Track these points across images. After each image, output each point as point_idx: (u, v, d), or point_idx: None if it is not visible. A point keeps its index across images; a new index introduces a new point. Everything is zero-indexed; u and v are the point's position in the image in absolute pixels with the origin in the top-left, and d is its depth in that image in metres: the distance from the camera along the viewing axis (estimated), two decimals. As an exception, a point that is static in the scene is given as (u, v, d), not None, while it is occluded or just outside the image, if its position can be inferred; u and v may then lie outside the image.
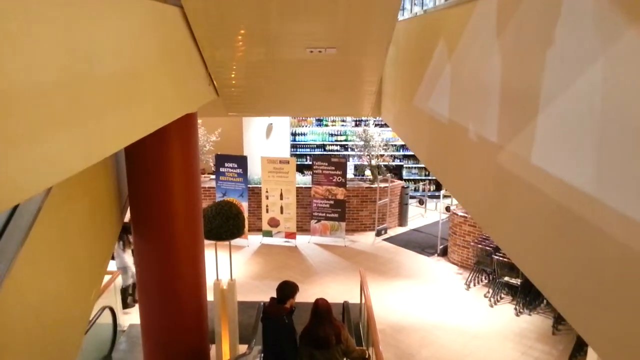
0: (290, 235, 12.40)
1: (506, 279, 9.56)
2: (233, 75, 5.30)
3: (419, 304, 9.59)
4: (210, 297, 7.67)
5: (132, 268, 8.96)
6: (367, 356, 5.45)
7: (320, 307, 5.16)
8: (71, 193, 3.47)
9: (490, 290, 9.82)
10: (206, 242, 6.42)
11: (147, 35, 3.07)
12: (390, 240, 12.83)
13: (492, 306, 9.52)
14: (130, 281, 9.18)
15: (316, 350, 4.91)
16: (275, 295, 5.60)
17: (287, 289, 5.52)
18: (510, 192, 2.64)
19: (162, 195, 4.61)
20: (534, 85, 2.47)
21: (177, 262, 4.87)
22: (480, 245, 10.03)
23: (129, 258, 9.03)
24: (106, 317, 7.67)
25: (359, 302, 8.80)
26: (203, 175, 14.02)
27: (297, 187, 12.48)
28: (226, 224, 6.91)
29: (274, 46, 4.58)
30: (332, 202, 12.36)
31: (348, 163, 13.48)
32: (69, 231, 3.46)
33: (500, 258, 9.43)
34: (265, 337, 5.53)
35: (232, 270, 7.50)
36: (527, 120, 2.51)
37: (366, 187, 13.15)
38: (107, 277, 8.20)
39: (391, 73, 6.57)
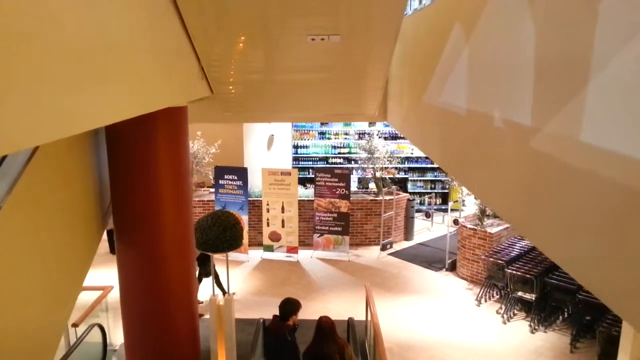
0: (292, 250, 11.94)
1: (520, 294, 9.06)
2: (228, 71, 4.91)
3: (428, 321, 9.09)
4: (206, 313, 7.22)
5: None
6: None
7: (324, 325, 5.07)
8: (42, 195, 3.06)
9: (503, 306, 9.31)
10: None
11: (133, 14, 2.71)
12: (395, 254, 12.35)
13: (505, 323, 9.01)
14: None
15: None
16: (277, 313, 5.51)
17: (289, 306, 5.42)
18: (553, 183, 2.20)
19: (148, 201, 4.18)
20: (579, 53, 2.05)
21: (164, 275, 4.40)
22: (491, 259, 9.55)
23: None
24: (95, 335, 7.20)
25: (364, 319, 8.31)
26: (202, 189, 13.60)
27: (299, 200, 12.05)
28: (223, 235, 6.50)
29: (272, 36, 4.20)
30: (335, 215, 11.92)
31: (351, 176, 13.05)
32: (39, 238, 3.04)
33: (514, 272, 8.94)
34: (268, 355, 5.46)
35: (229, 285, 7.04)
36: (572, 94, 2.08)
37: (370, 200, 12.71)
38: (97, 293, 7.76)
39: (397, 73, 6.19)
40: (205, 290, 9.08)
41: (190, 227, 4.72)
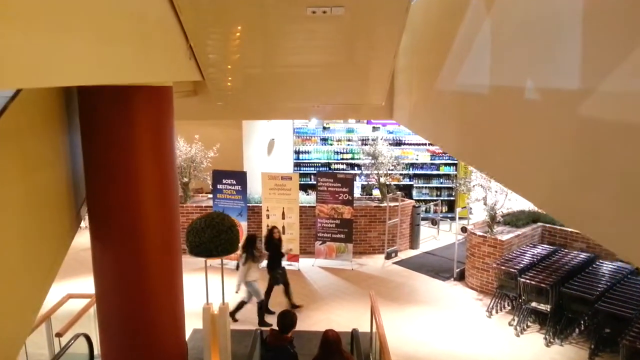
0: (293, 258, 11.42)
1: (534, 304, 8.54)
2: (220, 52, 4.46)
3: (436, 333, 8.58)
4: (199, 324, 6.72)
5: (256, 284, 8.66)
6: None
7: (331, 339, 4.99)
8: (3, 188, 2.61)
9: (516, 318, 8.79)
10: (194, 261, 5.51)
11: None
12: (401, 263, 11.84)
13: (518, 335, 8.49)
14: (262, 295, 8.88)
15: None
16: (274, 327, 5.49)
17: (289, 319, 5.42)
18: (614, 162, 1.73)
19: (127, 194, 3.70)
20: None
21: (146, 279, 3.89)
22: (503, 267, 9.04)
23: (252, 273, 8.64)
24: (81, 345, 6.71)
25: (368, 330, 7.81)
26: (200, 195, 13.13)
27: (300, 206, 11.57)
28: (217, 238, 6.00)
29: (269, 11, 3.76)
30: (338, 221, 11.43)
31: (354, 182, 12.57)
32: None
33: (527, 281, 8.43)
34: None
35: (224, 293, 6.56)
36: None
37: (375, 206, 12.22)
38: (85, 301, 7.28)
39: (405, 65, 5.75)
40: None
41: (176, 224, 4.21)
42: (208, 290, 6.52)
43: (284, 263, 9.46)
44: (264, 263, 9.41)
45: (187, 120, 8.64)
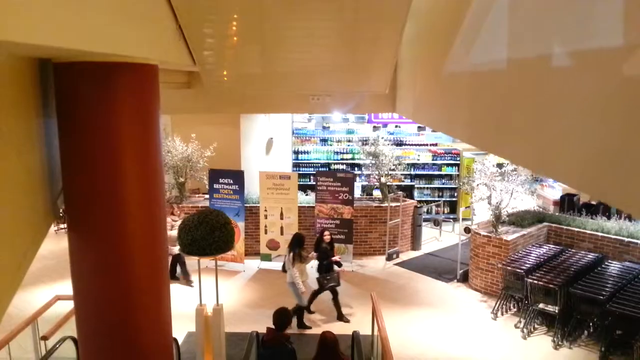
0: (291, 259, 11.11)
1: (541, 306, 8.23)
2: (212, 34, 4.17)
3: (440, 336, 8.27)
4: (192, 326, 6.42)
5: (301, 286, 8.25)
6: None
7: (328, 340, 5.00)
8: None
9: (522, 320, 8.48)
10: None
11: None
12: (402, 264, 11.53)
13: (525, 338, 8.18)
14: (302, 301, 8.45)
15: None
16: (270, 326, 5.49)
17: (285, 317, 5.52)
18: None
19: (107, 184, 3.37)
20: None
21: (128, 278, 3.55)
22: (509, 268, 8.73)
23: (300, 274, 8.29)
24: (68, 349, 6.40)
25: (369, 333, 7.51)
26: (197, 195, 12.83)
27: (299, 206, 11.26)
28: (211, 236, 5.70)
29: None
30: (337, 222, 11.13)
31: (355, 183, 12.25)
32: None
33: (535, 282, 8.12)
34: None
35: (218, 293, 6.26)
36: None
37: (375, 207, 11.91)
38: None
39: (409, 54, 5.47)
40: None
41: (162, 219, 3.89)
42: (201, 291, 6.22)
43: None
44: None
45: (181, 114, 8.29)
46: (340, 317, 8.76)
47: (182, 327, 8.12)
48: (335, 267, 8.81)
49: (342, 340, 7.65)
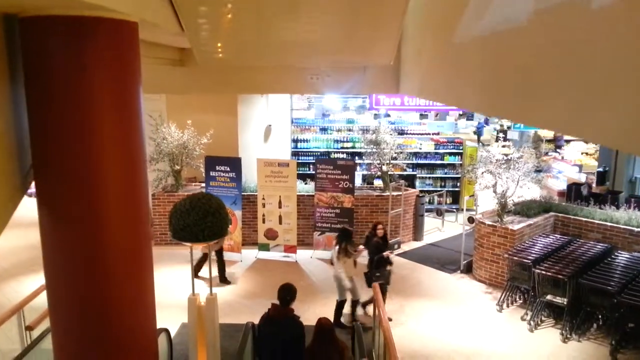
0: (290, 249, 10.81)
1: (549, 297, 7.92)
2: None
3: (444, 328, 7.97)
4: (184, 317, 6.10)
5: (346, 281, 7.81)
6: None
7: (324, 327, 5.00)
8: None
9: (529, 312, 8.17)
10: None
11: None
12: (404, 255, 11.22)
13: (532, 330, 7.88)
14: (346, 296, 7.95)
15: None
16: (275, 306, 5.44)
17: (291, 291, 5.48)
18: None
19: (82, 159, 3.02)
20: None
21: (104, 266, 3.19)
22: (515, 258, 8.42)
23: (344, 268, 7.81)
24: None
25: (370, 324, 7.22)
26: (193, 184, 12.49)
27: (298, 195, 10.94)
28: (203, 221, 5.36)
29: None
30: (337, 210, 10.80)
31: (355, 172, 11.92)
32: None
33: (543, 272, 7.80)
34: (270, 344, 5.28)
35: (211, 282, 5.93)
36: None
37: (377, 196, 11.59)
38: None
39: (413, 29, 5.13)
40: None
41: (144, 198, 3.52)
42: (194, 280, 5.90)
43: (280, 255, 8.74)
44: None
45: (175, 96, 7.85)
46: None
47: (175, 317, 7.83)
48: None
49: (344, 332, 7.37)
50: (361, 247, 8.28)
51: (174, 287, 9.12)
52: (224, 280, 9.52)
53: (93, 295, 3.23)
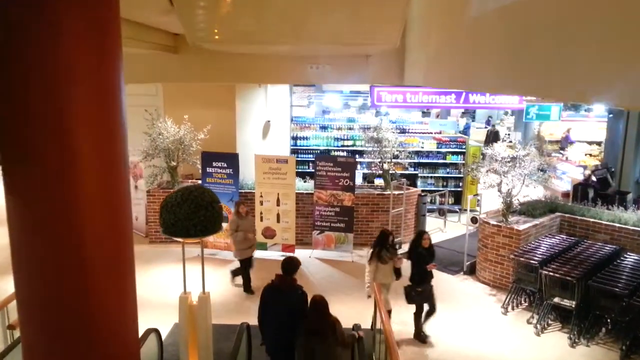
0: (288, 248, 10.51)
1: (556, 300, 7.63)
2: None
3: (447, 331, 7.68)
4: (175, 317, 5.80)
5: (367, 288, 7.26)
6: (357, 337, 5.67)
7: (318, 302, 5.28)
8: None
9: (535, 315, 7.88)
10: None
11: None
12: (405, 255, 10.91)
13: (538, 334, 7.59)
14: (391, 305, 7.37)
15: (314, 340, 5.10)
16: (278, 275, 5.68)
17: (293, 263, 5.78)
18: None
19: (53, 141, 2.67)
20: None
21: (78, 261, 2.84)
22: (522, 259, 8.13)
23: (378, 275, 7.18)
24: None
25: (370, 327, 6.93)
26: (190, 181, 12.19)
27: (297, 193, 10.64)
28: (196, 215, 5.07)
29: None
30: (337, 209, 10.50)
31: (356, 169, 11.61)
32: None
33: (551, 274, 7.51)
34: (274, 312, 5.56)
35: (204, 280, 5.64)
36: None
37: (377, 194, 11.29)
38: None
39: (420, 11, 4.84)
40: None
41: (123, 183, 3.18)
42: (185, 277, 5.60)
43: (278, 254, 8.34)
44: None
45: (167, 82, 7.43)
46: (418, 335, 7.47)
47: (169, 317, 7.52)
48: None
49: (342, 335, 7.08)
50: (400, 256, 7.42)
51: (169, 285, 8.84)
52: (248, 289, 9.06)
53: (66, 301, 2.91)
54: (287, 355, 5.40)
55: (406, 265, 7.42)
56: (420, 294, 7.26)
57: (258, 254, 10.60)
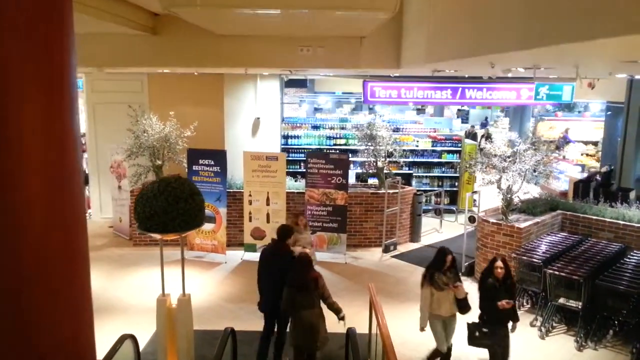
0: (278, 250, 10.03)
1: (561, 301, 7.21)
2: None
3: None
4: (152, 322, 5.32)
5: (421, 321, 6.19)
6: (341, 315, 5.86)
7: (302, 258, 5.78)
8: None
9: (539, 317, 7.47)
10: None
11: None
12: (401, 257, 10.50)
13: (543, 337, 7.19)
14: (444, 345, 6.14)
15: (298, 293, 5.59)
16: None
17: (287, 229, 6.44)
18: None
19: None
20: None
21: (19, 259, 2.39)
22: (524, 258, 7.72)
23: (434, 303, 6.01)
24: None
25: (366, 331, 6.47)
26: (176, 181, 11.70)
27: (287, 192, 10.21)
28: (174, 208, 4.62)
29: None
30: (330, 208, 10.06)
31: (349, 166, 11.16)
32: None
33: (557, 273, 7.10)
34: (268, 273, 6.17)
35: (184, 280, 5.17)
36: None
37: (371, 193, 10.87)
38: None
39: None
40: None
41: (74, 169, 2.71)
42: (164, 277, 5.14)
43: None
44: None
45: (141, 68, 6.84)
46: None
47: (151, 323, 7.02)
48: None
49: (336, 340, 6.62)
50: (459, 283, 5.94)
51: (152, 290, 8.32)
52: None
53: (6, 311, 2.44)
54: (275, 310, 6.02)
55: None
56: (487, 337, 5.86)
57: (247, 255, 10.14)
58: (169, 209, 4.58)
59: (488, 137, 16.89)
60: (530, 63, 4.57)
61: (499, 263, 5.90)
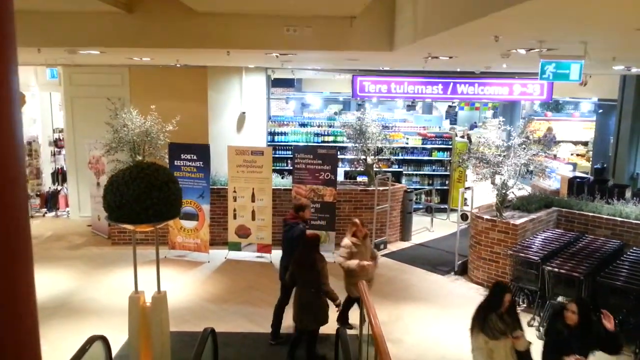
0: (264, 249, 9.63)
1: (560, 299, 6.88)
2: None
3: (438, 336, 6.90)
4: (124, 322, 4.88)
5: None
6: (337, 302, 6.05)
7: (309, 239, 6.00)
8: None
9: (537, 317, 7.14)
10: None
11: None
12: (391, 256, 10.14)
13: (541, 338, 6.81)
14: None
15: (299, 270, 5.91)
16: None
17: (301, 202, 7.18)
18: None
19: None
20: None
21: None
22: (521, 255, 7.39)
23: (487, 352, 4.72)
24: None
25: (357, 331, 6.10)
26: (158, 178, 11.25)
27: (273, 189, 9.80)
28: (148, 196, 4.20)
29: None
30: (318, 205, 9.67)
31: (337, 161, 10.78)
32: None
33: (555, 270, 6.78)
34: (284, 240, 6.77)
35: (159, 277, 4.76)
36: None
37: (361, 190, 10.51)
38: None
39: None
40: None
41: (17, 158, 2.29)
42: (137, 274, 4.72)
43: (253, 255, 7.32)
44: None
45: (116, 48, 6.33)
46: None
47: (126, 325, 6.59)
48: None
49: (325, 340, 6.26)
50: (520, 332, 4.67)
51: (129, 290, 7.83)
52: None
53: None
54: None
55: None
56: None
57: (231, 254, 9.73)
58: (141, 197, 4.17)
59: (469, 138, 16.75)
60: (535, 37, 4.26)
61: (573, 306, 4.55)
